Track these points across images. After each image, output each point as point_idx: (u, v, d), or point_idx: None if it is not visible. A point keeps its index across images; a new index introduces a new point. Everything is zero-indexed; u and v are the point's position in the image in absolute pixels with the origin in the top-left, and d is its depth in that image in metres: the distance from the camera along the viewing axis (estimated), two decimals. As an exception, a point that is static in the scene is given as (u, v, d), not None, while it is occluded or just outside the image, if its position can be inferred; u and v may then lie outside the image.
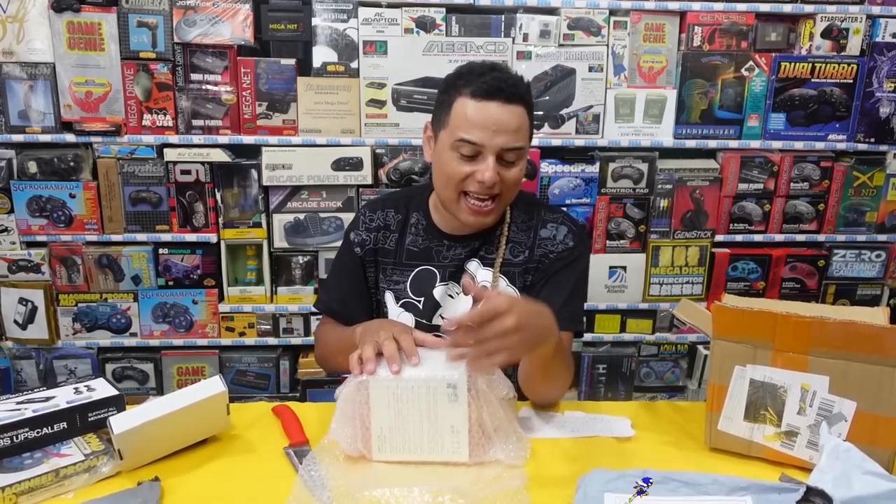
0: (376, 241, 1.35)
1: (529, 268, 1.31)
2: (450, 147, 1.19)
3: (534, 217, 1.34)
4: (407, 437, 1.00)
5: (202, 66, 2.13)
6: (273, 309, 2.29)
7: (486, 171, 1.16)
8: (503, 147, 1.17)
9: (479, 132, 1.16)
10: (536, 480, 0.96)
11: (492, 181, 1.17)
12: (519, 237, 1.33)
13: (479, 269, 1.31)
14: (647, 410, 1.20)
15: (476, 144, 1.16)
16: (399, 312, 1.33)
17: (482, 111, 1.16)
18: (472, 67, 1.21)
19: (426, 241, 1.34)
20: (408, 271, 1.33)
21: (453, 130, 1.18)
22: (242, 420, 1.15)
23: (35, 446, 0.99)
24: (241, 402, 1.20)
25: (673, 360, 2.43)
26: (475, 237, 1.32)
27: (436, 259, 1.32)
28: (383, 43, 2.12)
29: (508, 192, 1.23)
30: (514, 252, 1.32)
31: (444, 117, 1.21)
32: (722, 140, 2.23)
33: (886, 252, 2.33)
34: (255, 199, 2.21)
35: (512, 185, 1.22)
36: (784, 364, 0.99)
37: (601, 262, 2.29)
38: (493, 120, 1.15)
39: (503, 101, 1.16)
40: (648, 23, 2.16)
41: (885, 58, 2.15)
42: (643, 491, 0.90)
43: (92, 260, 2.21)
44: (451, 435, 0.99)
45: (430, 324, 1.31)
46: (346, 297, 1.37)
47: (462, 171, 1.19)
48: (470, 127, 1.16)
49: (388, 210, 1.37)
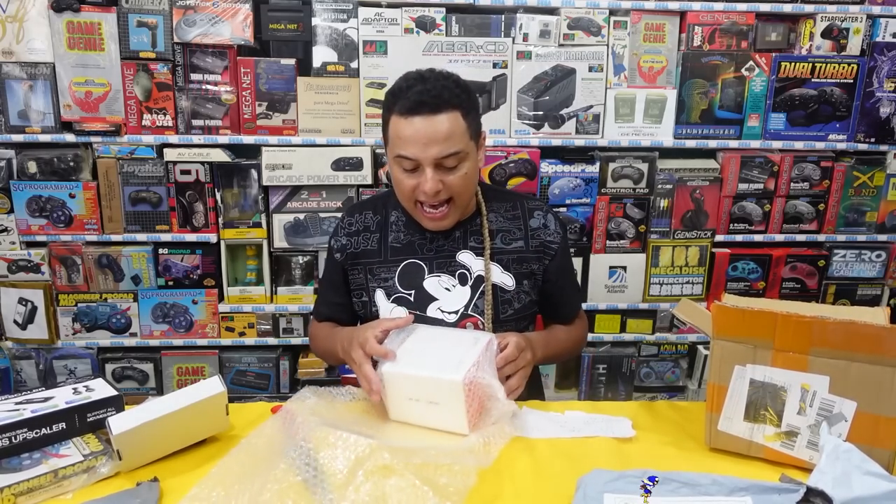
0: (357, 245, 1.39)
1: (529, 256, 1.37)
2: (394, 163, 1.28)
3: (516, 207, 1.41)
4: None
5: (202, 66, 2.13)
6: (273, 309, 2.29)
7: (426, 182, 1.23)
8: (437, 157, 1.22)
9: (412, 147, 1.22)
10: (536, 480, 0.96)
11: (433, 190, 1.23)
12: (506, 226, 1.38)
13: (473, 259, 1.35)
14: (647, 410, 1.20)
15: (411, 159, 1.23)
16: (391, 308, 1.35)
17: (410, 127, 1.22)
18: (400, 83, 1.27)
19: (408, 236, 1.38)
20: (394, 267, 1.36)
21: (392, 148, 1.26)
22: (242, 420, 1.14)
23: (34, 447, 0.99)
24: (240, 403, 1.20)
25: (673, 360, 2.43)
26: (455, 228, 1.36)
27: (420, 252, 1.36)
28: (383, 43, 2.11)
29: (460, 194, 1.29)
30: (506, 240, 1.37)
31: (386, 136, 1.30)
32: (722, 140, 2.23)
33: (886, 252, 2.33)
34: (255, 199, 2.21)
35: (460, 188, 1.27)
36: (784, 364, 0.98)
37: (601, 262, 2.29)
38: (421, 134, 1.21)
39: (427, 113, 1.21)
40: (648, 23, 2.16)
41: (886, 58, 2.15)
42: (648, 490, 0.90)
43: (92, 260, 2.21)
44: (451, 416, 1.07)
45: (425, 314, 1.33)
46: (331, 306, 1.46)
47: (409, 184, 1.26)
48: (403, 144, 1.23)
49: (367, 212, 1.42)
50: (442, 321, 1.32)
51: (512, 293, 1.34)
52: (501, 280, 1.34)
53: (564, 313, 1.48)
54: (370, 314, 1.38)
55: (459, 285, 1.33)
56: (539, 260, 1.37)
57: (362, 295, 1.39)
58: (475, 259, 1.34)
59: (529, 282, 1.37)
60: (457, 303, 1.32)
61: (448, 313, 1.32)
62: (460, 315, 1.32)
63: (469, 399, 1.04)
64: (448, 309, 1.32)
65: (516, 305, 1.35)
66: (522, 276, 1.36)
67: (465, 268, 1.34)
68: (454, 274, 1.34)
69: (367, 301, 1.38)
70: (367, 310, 1.39)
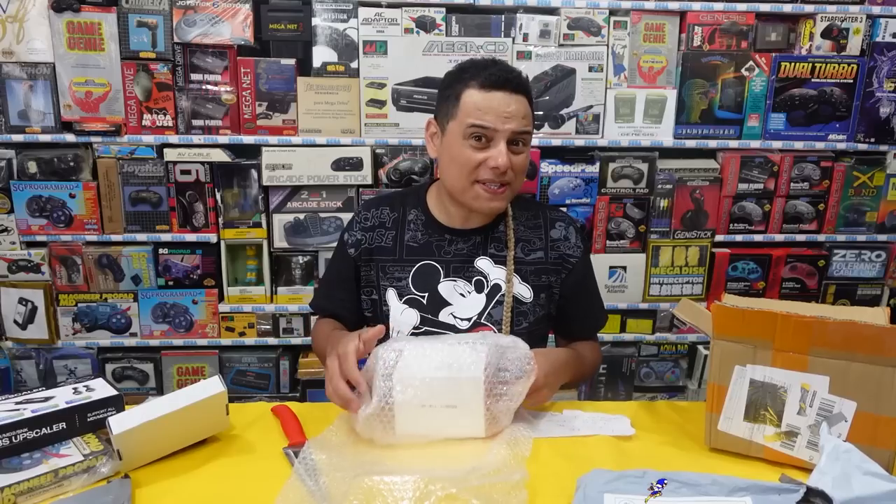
0: (372, 240, 1.36)
1: (547, 269, 1.33)
2: (461, 136, 1.24)
3: (538, 216, 1.37)
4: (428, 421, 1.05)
5: (202, 66, 2.13)
6: (273, 309, 2.29)
7: (500, 156, 1.21)
8: (514, 131, 1.22)
9: (491, 118, 1.21)
10: (536, 480, 0.96)
11: (505, 166, 1.22)
12: (527, 235, 1.34)
13: (492, 267, 1.32)
14: (647, 410, 1.20)
15: (488, 129, 1.22)
16: (402, 309, 1.32)
17: (492, 100, 1.22)
18: (474, 62, 1.28)
19: (426, 236, 1.34)
20: (409, 267, 1.33)
21: (464, 119, 1.23)
22: (242, 420, 1.15)
23: (34, 447, 0.99)
24: (240, 403, 1.20)
25: (673, 360, 2.43)
26: (476, 232, 1.33)
27: (437, 254, 1.33)
28: (383, 43, 2.11)
29: (517, 179, 1.28)
30: (525, 250, 1.33)
31: (451, 110, 1.25)
32: (722, 140, 2.23)
33: (886, 252, 2.33)
34: (255, 199, 2.21)
35: (520, 171, 1.27)
36: (784, 364, 0.98)
37: (601, 262, 2.28)
38: (503, 108, 1.21)
39: (510, 90, 1.22)
40: (648, 23, 2.16)
41: (886, 58, 2.15)
42: (656, 492, 0.90)
43: (92, 260, 2.21)
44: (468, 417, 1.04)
45: (437, 318, 1.31)
46: (335, 301, 1.42)
47: (475, 158, 1.23)
48: (481, 114, 1.22)
49: (384, 208, 1.39)
50: (454, 327, 1.29)
51: (528, 305, 1.32)
52: (518, 291, 1.31)
53: (577, 333, 1.42)
54: (380, 313, 1.35)
55: (475, 292, 1.31)
56: (557, 273, 1.34)
57: (372, 293, 1.36)
58: (493, 267, 1.32)
59: (546, 294, 1.34)
60: (471, 310, 1.30)
61: (461, 320, 1.30)
62: (473, 323, 1.30)
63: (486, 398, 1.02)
64: (461, 315, 1.30)
65: (531, 318, 1.32)
66: (540, 289, 1.33)
67: (483, 275, 1.31)
68: (471, 280, 1.31)
69: (377, 300, 1.35)
70: (377, 308, 1.36)
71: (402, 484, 0.91)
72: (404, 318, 1.32)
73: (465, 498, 0.88)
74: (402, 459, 1.02)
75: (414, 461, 1.01)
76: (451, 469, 0.95)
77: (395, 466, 0.98)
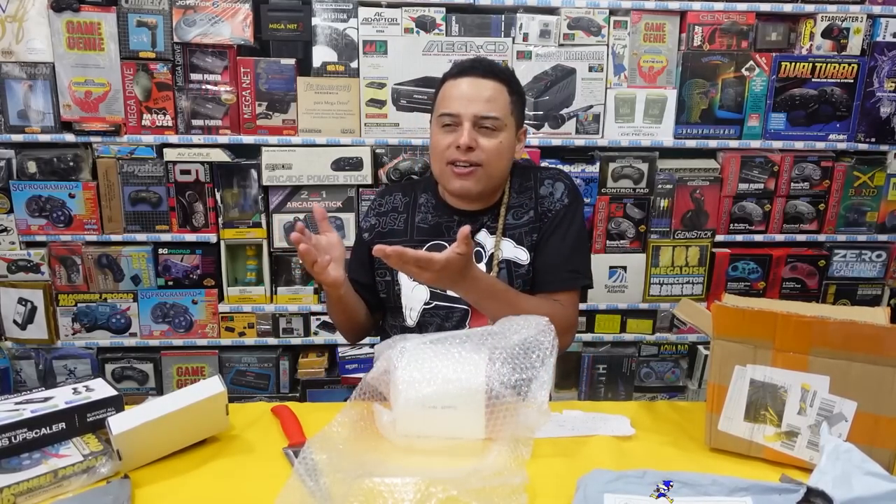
0: (385, 224, 1.43)
1: (535, 227, 1.36)
2: (437, 125, 1.34)
3: (530, 178, 1.41)
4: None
5: (202, 66, 2.13)
6: (273, 309, 2.28)
7: (461, 136, 1.28)
8: (476, 115, 1.28)
9: (455, 103, 1.30)
10: (536, 480, 0.96)
11: (466, 144, 1.27)
12: (520, 200, 1.39)
13: (487, 237, 1.36)
14: (647, 410, 1.20)
15: (454, 114, 1.29)
16: (413, 287, 1.37)
17: (458, 86, 1.31)
18: (459, 61, 1.39)
19: (436, 218, 1.40)
20: (419, 247, 1.34)
21: (437, 110, 1.34)
22: (242, 420, 1.14)
23: (34, 447, 0.99)
24: (240, 403, 1.20)
25: (673, 360, 2.43)
26: (484, 212, 1.37)
27: (447, 234, 1.37)
28: (383, 43, 2.11)
29: (490, 162, 1.30)
30: (518, 215, 1.37)
31: (434, 106, 1.37)
32: (722, 140, 2.23)
33: (887, 252, 2.33)
34: (254, 199, 2.21)
35: (492, 154, 1.30)
36: (784, 364, 0.98)
37: (601, 262, 2.28)
38: (466, 93, 1.30)
39: (477, 75, 1.31)
40: (648, 22, 2.16)
41: (886, 57, 2.15)
42: (663, 494, 0.90)
43: (91, 260, 2.21)
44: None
45: (446, 293, 1.34)
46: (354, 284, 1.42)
47: (445, 141, 1.31)
48: (448, 102, 1.31)
49: (396, 194, 1.47)
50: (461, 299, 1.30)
51: (526, 267, 1.34)
52: (515, 255, 1.34)
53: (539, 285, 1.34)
54: (393, 294, 1.40)
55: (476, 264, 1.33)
56: (540, 229, 1.35)
57: (386, 274, 1.41)
58: (489, 237, 1.36)
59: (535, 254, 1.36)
60: None
61: None
62: None
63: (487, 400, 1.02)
64: None
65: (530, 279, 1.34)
66: (531, 248, 1.35)
67: (481, 246, 1.35)
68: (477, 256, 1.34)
69: (391, 280, 1.40)
70: (391, 290, 1.40)
71: (403, 485, 0.91)
72: (415, 294, 1.38)
73: (465, 500, 0.88)
74: (403, 461, 1.02)
75: (414, 463, 1.01)
76: (451, 471, 0.95)
77: (395, 468, 0.98)
